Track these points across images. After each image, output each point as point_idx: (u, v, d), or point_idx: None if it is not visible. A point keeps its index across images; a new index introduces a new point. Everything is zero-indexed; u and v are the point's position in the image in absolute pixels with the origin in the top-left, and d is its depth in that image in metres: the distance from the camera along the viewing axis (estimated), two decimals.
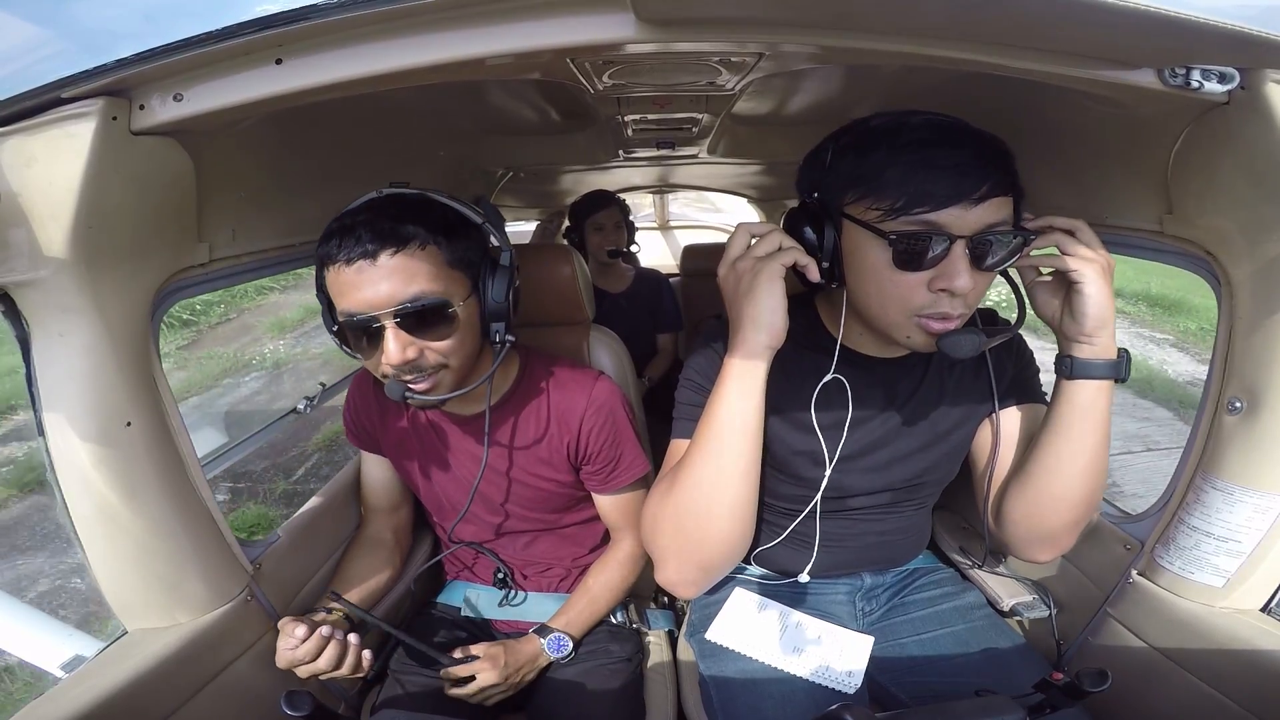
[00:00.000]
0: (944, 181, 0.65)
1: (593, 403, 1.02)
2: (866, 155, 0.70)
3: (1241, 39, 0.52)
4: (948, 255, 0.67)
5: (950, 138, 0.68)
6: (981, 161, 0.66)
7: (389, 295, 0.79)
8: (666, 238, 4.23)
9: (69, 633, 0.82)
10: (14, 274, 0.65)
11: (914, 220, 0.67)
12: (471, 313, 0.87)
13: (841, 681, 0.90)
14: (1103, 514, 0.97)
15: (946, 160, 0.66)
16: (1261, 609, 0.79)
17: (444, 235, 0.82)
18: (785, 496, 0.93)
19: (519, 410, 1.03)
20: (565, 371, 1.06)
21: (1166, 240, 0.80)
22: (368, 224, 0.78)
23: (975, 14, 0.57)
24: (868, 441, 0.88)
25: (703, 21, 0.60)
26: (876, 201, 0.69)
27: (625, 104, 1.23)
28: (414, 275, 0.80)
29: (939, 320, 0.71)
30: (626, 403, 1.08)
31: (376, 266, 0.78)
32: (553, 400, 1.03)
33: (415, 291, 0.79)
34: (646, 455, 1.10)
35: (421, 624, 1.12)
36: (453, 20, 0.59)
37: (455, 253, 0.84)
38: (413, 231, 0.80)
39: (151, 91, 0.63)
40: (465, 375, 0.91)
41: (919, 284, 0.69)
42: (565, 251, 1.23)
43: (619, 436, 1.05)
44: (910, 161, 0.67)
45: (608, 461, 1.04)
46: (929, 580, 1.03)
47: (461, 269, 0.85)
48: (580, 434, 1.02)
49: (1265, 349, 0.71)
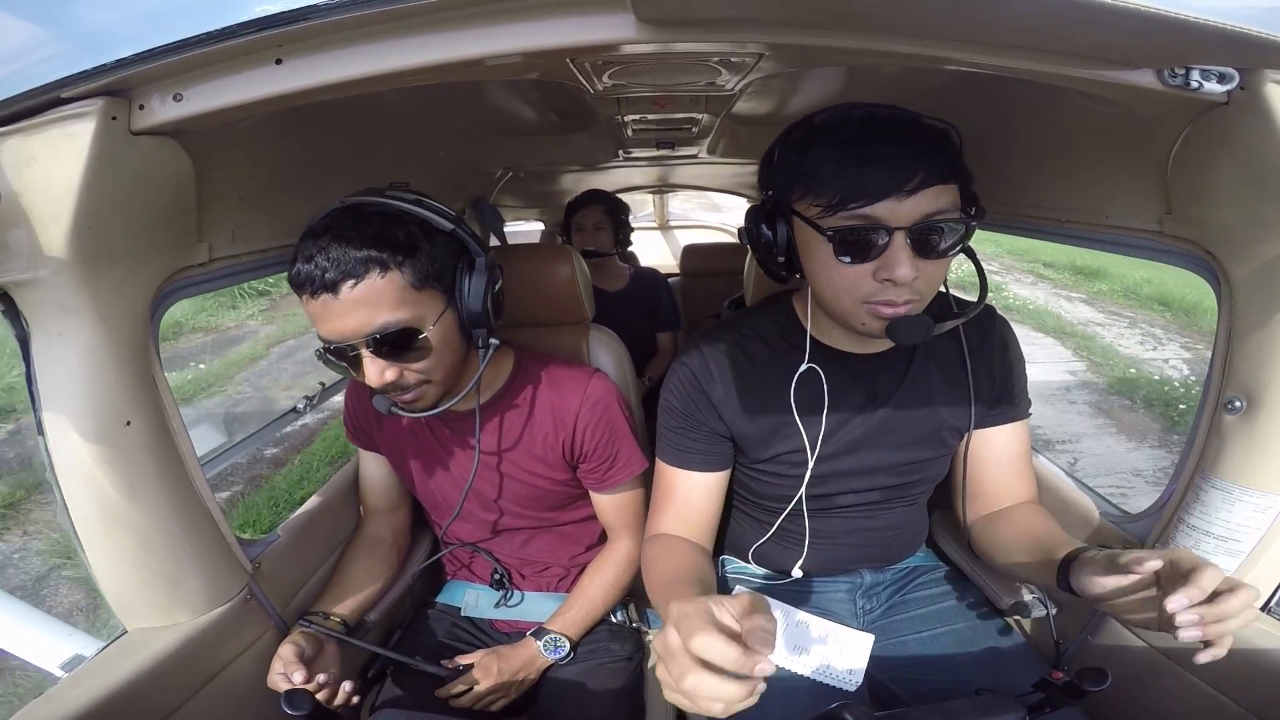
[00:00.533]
0: (877, 176, 0.67)
1: (588, 399, 1.01)
2: (806, 153, 0.72)
3: (1241, 39, 0.52)
4: (889, 246, 0.69)
5: (884, 132, 0.70)
6: (913, 153, 0.68)
7: (356, 327, 0.77)
8: (667, 237, 4.23)
9: (69, 632, 0.82)
10: (13, 274, 0.65)
11: (851, 215, 0.69)
12: (448, 327, 0.85)
13: (842, 680, 0.90)
14: (1103, 513, 0.98)
15: (878, 155, 0.68)
16: (1261, 608, 0.78)
17: (407, 255, 0.78)
18: (771, 495, 0.94)
19: (513, 407, 1.02)
20: (560, 369, 1.05)
21: (1166, 240, 0.80)
22: (325, 251, 0.75)
23: (975, 14, 0.57)
24: (849, 439, 0.88)
25: (702, 21, 0.60)
26: (816, 198, 0.71)
27: (625, 104, 1.23)
28: (378, 305, 0.77)
29: (889, 307, 0.72)
30: (623, 400, 1.07)
31: (339, 300, 0.76)
32: (547, 397, 1.02)
33: (382, 322, 0.77)
34: (644, 452, 1.09)
35: (421, 623, 1.12)
36: (453, 20, 0.59)
37: (421, 271, 0.80)
38: (371, 258, 0.76)
39: (151, 91, 0.63)
40: (451, 384, 0.90)
41: (865, 274, 0.71)
42: (564, 251, 1.23)
43: (615, 434, 1.04)
44: (843, 158, 0.69)
45: (604, 459, 1.04)
46: (929, 579, 1.03)
47: (432, 285, 0.82)
48: (575, 431, 1.01)
49: (1264, 349, 0.71)
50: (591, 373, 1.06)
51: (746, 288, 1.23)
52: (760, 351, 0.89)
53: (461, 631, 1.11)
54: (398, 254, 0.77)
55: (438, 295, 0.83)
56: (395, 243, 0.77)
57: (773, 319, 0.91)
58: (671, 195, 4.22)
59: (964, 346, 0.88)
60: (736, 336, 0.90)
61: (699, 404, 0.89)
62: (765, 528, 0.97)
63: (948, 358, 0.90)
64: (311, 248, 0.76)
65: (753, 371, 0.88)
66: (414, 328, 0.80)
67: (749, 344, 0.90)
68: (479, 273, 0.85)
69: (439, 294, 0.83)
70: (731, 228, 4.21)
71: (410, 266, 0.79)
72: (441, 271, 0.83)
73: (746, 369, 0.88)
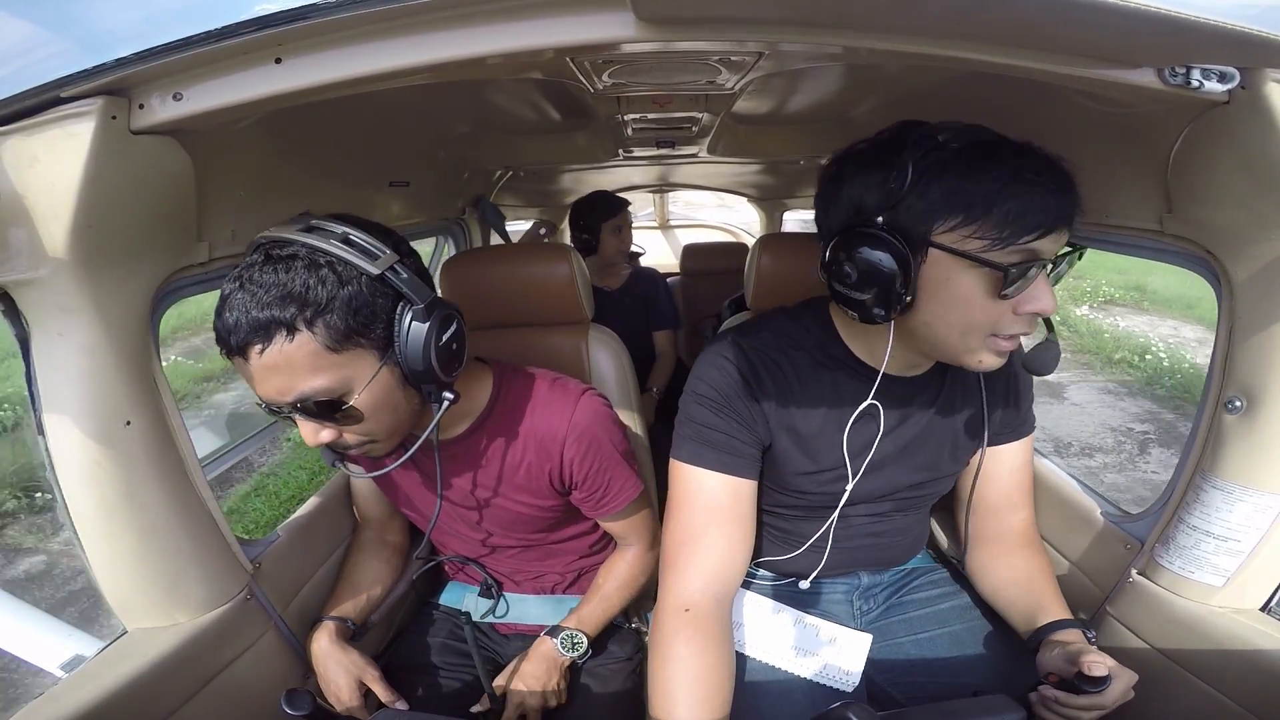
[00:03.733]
0: (1046, 210, 0.64)
1: (574, 428, 0.92)
2: (966, 180, 0.65)
3: (1242, 38, 0.52)
4: (1037, 279, 0.67)
5: (1041, 163, 0.66)
6: (1069, 186, 0.66)
7: (275, 392, 0.69)
8: (667, 237, 4.23)
9: (69, 632, 0.82)
10: (14, 273, 0.65)
11: (1020, 249, 0.65)
12: (386, 386, 0.74)
13: (840, 681, 0.90)
14: (1103, 513, 0.98)
15: (1046, 186, 0.64)
16: (1261, 608, 0.79)
17: (319, 312, 0.67)
18: (792, 506, 0.92)
19: (494, 435, 0.93)
20: (545, 389, 0.96)
21: (1166, 239, 0.80)
22: (233, 306, 0.66)
23: (975, 13, 0.57)
24: (877, 458, 0.86)
25: (702, 21, 0.60)
26: (980, 230, 0.65)
27: (625, 103, 1.23)
28: (293, 372, 0.68)
29: (1012, 341, 0.71)
30: (613, 421, 0.99)
31: (249, 365, 0.68)
32: (531, 424, 0.93)
33: (300, 391, 0.69)
34: (639, 474, 1.02)
35: (423, 624, 1.12)
36: (453, 20, 0.59)
37: (339, 330, 0.68)
38: (275, 320, 0.65)
39: (151, 91, 0.63)
40: (405, 434, 0.82)
41: (1007, 310, 0.68)
42: (563, 250, 1.22)
43: (605, 462, 0.95)
44: (1018, 191, 0.64)
45: (596, 488, 0.97)
46: (927, 580, 1.03)
47: (359, 341, 0.70)
48: (563, 461, 0.93)
49: (1265, 348, 0.71)
50: (579, 393, 0.95)
51: (747, 288, 1.23)
52: (803, 362, 0.84)
53: (462, 632, 1.11)
54: (306, 311, 0.66)
55: (367, 354, 0.72)
56: (303, 298, 0.66)
57: (809, 329, 0.86)
58: (673, 199, 4.22)
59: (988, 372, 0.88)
60: (778, 342, 0.85)
61: (748, 406, 0.82)
62: (783, 536, 0.95)
63: (969, 381, 0.89)
64: (223, 299, 0.67)
65: (797, 382, 0.83)
66: (338, 395, 0.71)
67: (793, 353, 0.84)
68: (421, 322, 0.72)
69: (369, 351, 0.72)
70: (731, 228, 4.21)
71: (324, 326, 0.67)
72: (369, 325, 0.71)
73: (792, 379, 0.83)
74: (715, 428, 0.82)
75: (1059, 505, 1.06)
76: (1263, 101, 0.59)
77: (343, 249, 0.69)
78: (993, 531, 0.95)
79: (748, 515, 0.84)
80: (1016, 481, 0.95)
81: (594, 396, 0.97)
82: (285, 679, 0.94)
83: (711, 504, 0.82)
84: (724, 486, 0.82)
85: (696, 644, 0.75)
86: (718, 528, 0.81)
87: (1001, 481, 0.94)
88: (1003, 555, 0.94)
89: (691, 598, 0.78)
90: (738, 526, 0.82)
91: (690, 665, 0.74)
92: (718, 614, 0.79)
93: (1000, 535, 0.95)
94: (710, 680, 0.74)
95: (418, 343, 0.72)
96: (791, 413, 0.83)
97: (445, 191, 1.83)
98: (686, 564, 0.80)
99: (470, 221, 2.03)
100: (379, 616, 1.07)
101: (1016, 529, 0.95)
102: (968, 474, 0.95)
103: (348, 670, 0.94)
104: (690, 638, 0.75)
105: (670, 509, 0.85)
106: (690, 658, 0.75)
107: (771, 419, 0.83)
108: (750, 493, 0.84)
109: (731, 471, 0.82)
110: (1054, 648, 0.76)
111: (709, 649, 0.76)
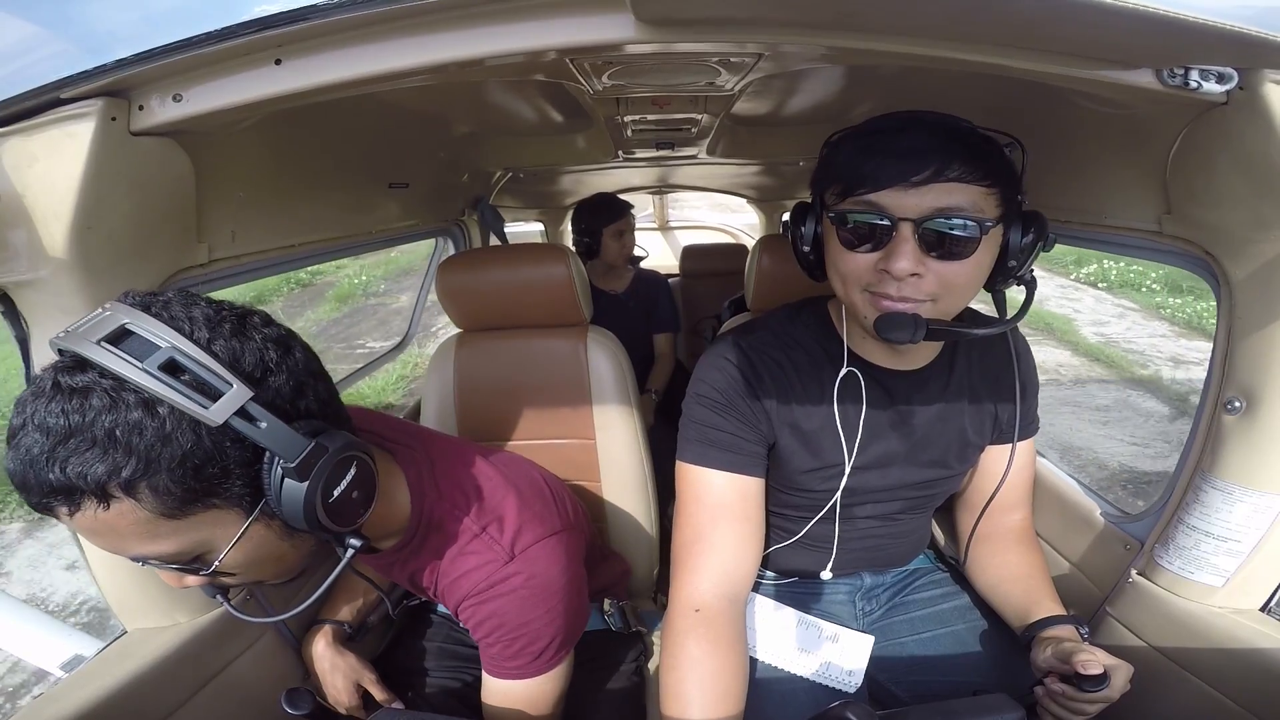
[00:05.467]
0: (886, 165, 0.68)
1: (476, 596, 0.75)
2: (838, 147, 0.74)
3: (1240, 39, 0.53)
4: (893, 238, 0.68)
5: (907, 126, 0.69)
6: (931, 146, 0.67)
7: (111, 550, 0.53)
8: (667, 237, 4.23)
9: (69, 632, 0.82)
10: (14, 274, 0.65)
11: (857, 201, 0.70)
12: (260, 539, 0.58)
13: (842, 681, 0.90)
14: (1102, 513, 0.98)
15: (895, 146, 0.68)
16: (1261, 609, 0.79)
17: (142, 475, 0.47)
18: (797, 505, 0.91)
19: (414, 560, 0.80)
20: (466, 535, 0.77)
21: (1165, 240, 0.80)
22: (17, 453, 0.47)
23: (975, 14, 0.57)
24: (881, 455, 0.86)
25: (702, 22, 0.60)
26: (833, 186, 0.73)
27: (624, 104, 1.23)
28: (121, 538, 0.51)
29: (889, 301, 0.71)
30: (550, 588, 0.78)
31: (61, 521, 0.50)
32: (441, 567, 0.78)
33: (137, 553, 0.53)
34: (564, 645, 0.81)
35: (420, 626, 1.12)
36: (452, 21, 0.59)
37: (176, 495, 0.49)
38: (80, 485, 0.46)
39: (151, 92, 0.63)
40: (298, 570, 0.67)
41: (868, 266, 0.71)
42: (560, 251, 1.22)
43: (515, 638, 0.76)
44: (860, 147, 0.71)
45: (491, 654, 0.79)
46: (928, 580, 1.03)
47: (209, 503, 0.52)
48: (459, 617, 0.79)
49: (1264, 349, 0.71)
50: (507, 559, 0.75)
51: (747, 288, 1.23)
52: (803, 359, 0.85)
53: (460, 636, 1.11)
54: (119, 473, 0.47)
55: (226, 513, 0.54)
56: (114, 460, 0.46)
57: (808, 325, 0.88)
58: (674, 200, 4.23)
59: (994, 368, 0.88)
60: (778, 340, 0.86)
61: (750, 405, 0.82)
62: (788, 536, 0.94)
63: (978, 379, 0.88)
64: (9, 435, 0.48)
65: (798, 380, 0.84)
66: (192, 557, 0.55)
67: (792, 350, 0.85)
68: (299, 481, 0.54)
69: (228, 510, 0.54)
70: (732, 228, 4.21)
71: (150, 492, 0.48)
72: (219, 484, 0.52)
73: (793, 377, 0.84)
74: (719, 428, 0.82)
75: (1059, 506, 1.06)
76: (1261, 102, 0.59)
77: (161, 384, 0.47)
78: (989, 530, 0.95)
79: (756, 513, 0.84)
80: (1018, 481, 0.94)
81: (527, 559, 0.77)
82: (285, 679, 0.94)
83: (718, 503, 0.82)
84: (730, 485, 0.82)
85: (707, 644, 0.75)
86: (726, 526, 0.81)
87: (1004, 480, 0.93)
88: (998, 553, 0.94)
89: (702, 598, 0.78)
90: (746, 525, 0.82)
91: (702, 666, 0.74)
92: (729, 614, 0.78)
93: (996, 533, 0.95)
94: (722, 681, 0.74)
95: (296, 504, 0.54)
96: (793, 410, 0.83)
97: (445, 193, 1.83)
98: (696, 564, 0.80)
99: (470, 223, 2.04)
100: (376, 619, 1.07)
101: (1012, 527, 0.95)
102: (974, 474, 0.95)
103: (345, 673, 0.94)
104: (701, 638, 0.75)
105: (678, 511, 0.84)
106: (702, 658, 0.74)
107: (774, 417, 0.83)
108: (758, 491, 0.84)
109: (737, 470, 0.82)
110: (1047, 645, 0.76)
111: (720, 649, 0.75)
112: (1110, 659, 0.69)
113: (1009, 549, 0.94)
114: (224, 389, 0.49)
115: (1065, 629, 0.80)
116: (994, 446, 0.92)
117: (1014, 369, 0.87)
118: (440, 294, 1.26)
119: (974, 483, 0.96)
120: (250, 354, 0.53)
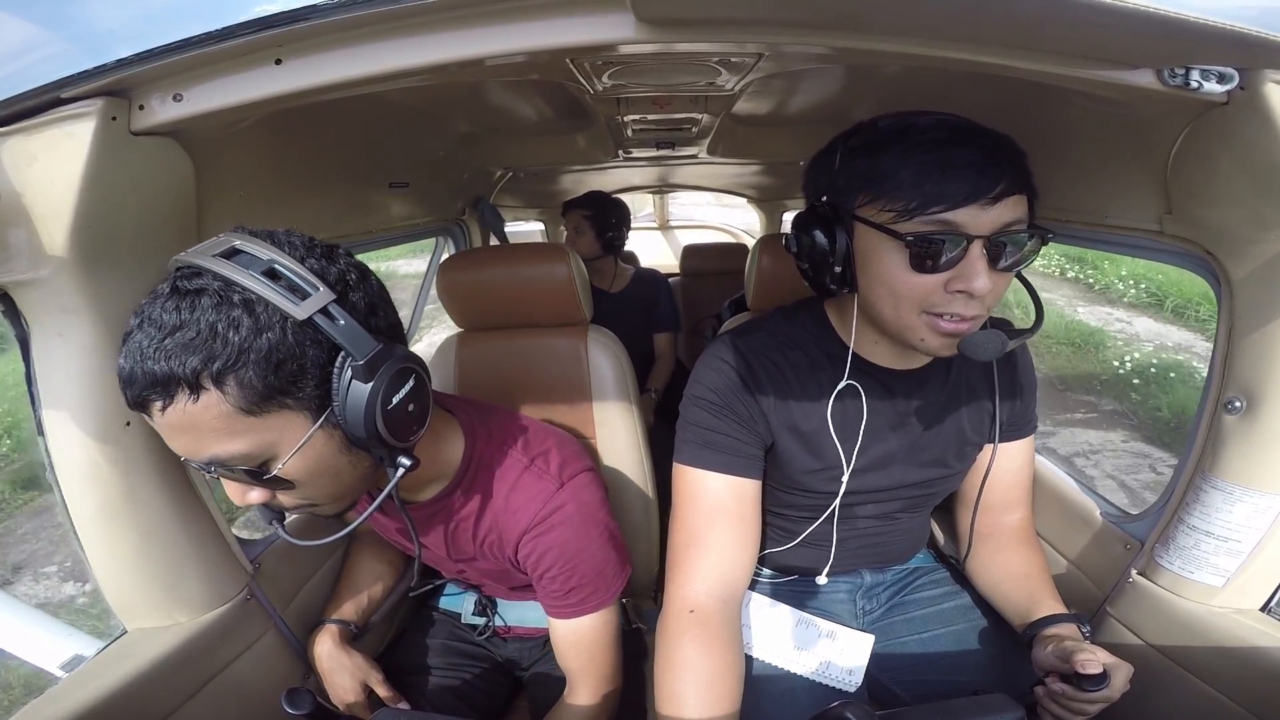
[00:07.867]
0: (959, 180, 0.64)
1: (536, 527, 0.80)
2: (878, 156, 0.68)
3: (1240, 39, 0.52)
4: (965, 256, 0.66)
5: (962, 136, 0.66)
6: (996, 160, 0.65)
7: (183, 451, 0.58)
8: (667, 237, 4.23)
9: (69, 632, 0.82)
10: (14, 274, 0.65)
11: (929, 220, 0.65)
12: (322, 451, 0.62)
13: (842, 680, 0.90)
14: (1102, 513, 0.98)
15: (961, 159, 0.64)
16: (1261, 609, 0.79)
17: (229, 366, 0.54)
18: (796, 506, 0.91)
19: (465, 504, 0.84)
20: (516, 474, 0.83)
21: (1166, 240, 0.80)
22: (130, 351, 0.55)
23: (975, 14, 0.57)
24: (881, 455, 0.86)
25: (702, 22, 0.60)
26: (890, 203, 0.67)
27: (625, 104, 1.23)
28: (200, 435, 0.56)
29: (953, 322, 0.69)
30: (592, 513, 0.85)
31: (153, 420, 0.57)
32: (495, 509, 0.83)
33: (211, 454, 0.57)
34: (619, 571, 0.89)
35: (423, 626, 1.12)
36: (452, 20, 0.59)
37: (257, 389, 0.56)
38: (174, 377, 0.53)
39: (151, 91, 0.63)
40: (354, 497, 0.71)
41: (935, 286, 0.68)
42: (561, 250, 1.22)
43: (575, 566, 0.83)
44: (924, 161, 0.65)
45: (553, 591, 0.85)
46: (928, 579, 1.03)
47: (282, 402, 0.58)
48: (519, 554, 0.84)
49: (1265, 349, 0.71)
50: (555, 487, 0.82)
51: (747, 288, 1.23)
52: (800, 360, 0.84)
53: (463, 634, 1.11)
54: (213, 364, 0.54)
55: (295, 414, 0.59)
56: (211, 350, 0.54)
57: (806, 326, 0.87)
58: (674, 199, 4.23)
59: (993, 367, 0.87)
60: (775, 341, 0.85)
61: (748, 407, 0.82)
62: (788, 536, 0.94)
63: (976, 378, 0.88)
64: (124, 339, 0.56)
65: (796, 381, 0.83)
66: (260, 461, 0.60)
67: (790, 351, 0.84)
68: (363, 381, 0.59)
69: (298, 412, 0.59)
70: (732, 228, 4.21)
71: (236, 385, 0.55)
72: (296, 382, 0.58)
73: (790, 378, 0.83)
74: (716, 429, 0.82)
75: (1058, 505, 1.06)
76: (1261, 102, 0.59)
77: (261, 284, 0.55)
78: (990, 529, 0.95)
79: (752, 515, 0.84)
80: (1017, 480, 0.95)
81: (575, 487, 0.84)
82: (285, 679, 0.94)
83: (714, 505, 0.82)
84: (726, 487, 0.82)
85: (701, 645, 0.75)
86: (721, 528, 0.81)
87: (1002, 480, 0.93)
88: (999, 552, 0.94)
89: (696, 599, 0.78)
90: (742, 527, 0.82)
91: (697, 667, 0.74)
92: (724, 615, 0.79)
93: (997, 533, 0.95)
94: (717, 682, 0.74)
95: (359, 406, 0.59)
96: (791, 411, 0.83)
97: (445, 192, 1.83)
98: (691, 565, 0.80)
99: (470, 223, 2.04)
100: (379, 618, 1.07)
101: (1012, 527, 0.95)
102: (973, 472, 0.95)
103: (352, 673, 0.94)
104: (695, 639, 0.75)
105: (674, 513, 0.85)
106: (697, 659, 0.74)
107: (772, 418, 0.83)
108: (754, 493, 0.84)
109: (734, 472, 0.82)
110: (1048, 644, 0.76)
111: (715, 650, 0.75)
112: (1110, 658, 0.69)
113: (1010, 548, 0.94)
114: (312, 292, 0.57)
115: (1067, 627, 0.80)
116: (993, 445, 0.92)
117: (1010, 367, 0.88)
118: (441, 293, 1.25)
119: (973, 481, 0.96)
120: (335, 271, 0.61)
